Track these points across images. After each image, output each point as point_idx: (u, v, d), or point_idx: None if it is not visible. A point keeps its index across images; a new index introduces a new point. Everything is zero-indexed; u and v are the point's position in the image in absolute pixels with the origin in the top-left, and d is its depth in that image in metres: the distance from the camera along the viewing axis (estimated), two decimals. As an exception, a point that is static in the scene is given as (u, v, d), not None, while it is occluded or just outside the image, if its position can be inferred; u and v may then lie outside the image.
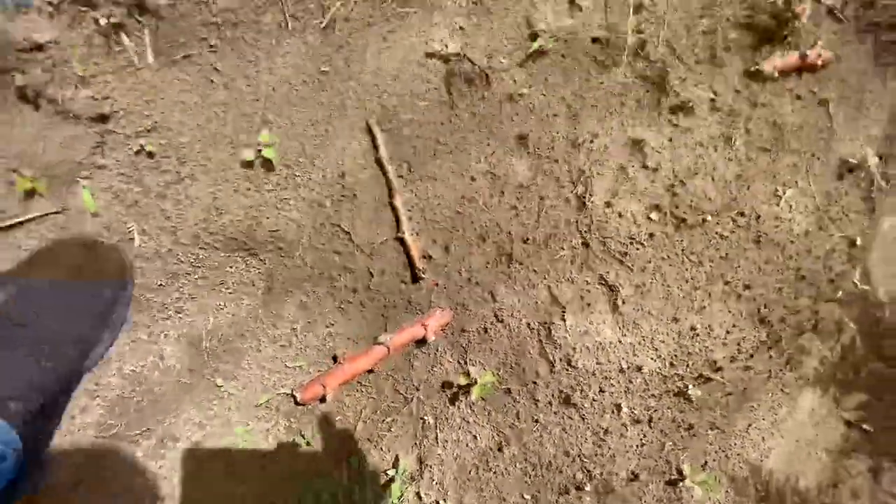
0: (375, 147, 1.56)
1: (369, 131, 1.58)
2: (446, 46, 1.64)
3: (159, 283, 1.39)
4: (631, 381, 1.49)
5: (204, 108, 1.44)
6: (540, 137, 1.64)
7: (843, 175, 1.88)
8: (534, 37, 1.72)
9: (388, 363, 1.44)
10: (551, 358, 1.45)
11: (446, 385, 1.43)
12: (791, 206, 1.77)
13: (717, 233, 1.64)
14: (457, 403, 1.42)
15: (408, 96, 1.62)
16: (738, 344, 1.64)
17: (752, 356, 1.65)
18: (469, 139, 1.62)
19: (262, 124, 1.49)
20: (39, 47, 1.22)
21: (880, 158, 1.97)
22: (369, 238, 1.51)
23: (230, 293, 1.44)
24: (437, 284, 1.49)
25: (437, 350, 1.46)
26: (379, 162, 1.56)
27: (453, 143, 1.61)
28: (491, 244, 1.54)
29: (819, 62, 1.87)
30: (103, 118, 1.34)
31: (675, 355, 1.54)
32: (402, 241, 1.51)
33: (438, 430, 1.41)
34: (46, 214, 1.32)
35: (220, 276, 1.44)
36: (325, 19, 1.57)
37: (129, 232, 1.38)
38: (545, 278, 1.53)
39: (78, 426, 1.33)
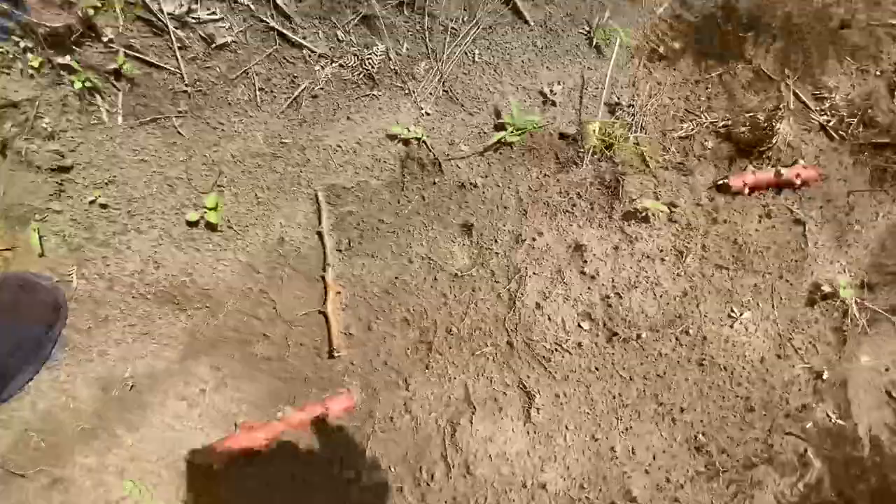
0: (319, 219, 1.60)
1: (316, 203, 1.62)
2: (408, 129, 1.69)
3: (88, 325, 1.45)
4: (533, 499, 1.40)
5: (161, 169, 1.53)
6: (485, 229, 1.64)
7: (814, 301, 1.76)
8: (499, 128, 1.75)
9: (293, 436, 1.42)
10: (450, 461, 1.38)
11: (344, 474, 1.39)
12: (747, 329, 1.67)
13: (654, 350, 1.55)
14: (348, 492, 1.37)
15: (361, 173, 1.66)
16: (667, 472, 1.51)
17: (682, 486, 1.52)
18: (414, 221, 1.63)
19: (214, 187, 1.56)
20: (15, 104, 1.35)
21: (863, 287, 1.84)
22: (294, 308, 1.52)
23: (154, 343, 1.47)
24: (352, 363, 1.48)
25: (341, 433, 1.43)
26: (319, 234, 1.59)
27: (398, 224, 1.62)
28: (415, 329, 1.52)
29: (797, 181, 1.80)
30: (65, 169, 1.44)
31: (588, 477, 1.43)
32: (325, 315, 1.51)
33: (323, 520, 1.36)
34: (-3, 250, 1.42)
35: (147, 326, 1.48)
36: (294, 95, 1.66)
37: (70, 274, 1.46)
38: (463, 373, 1.48)
39: (-18, 455, 1.36)
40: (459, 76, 1.78)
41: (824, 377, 1.71)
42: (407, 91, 1.76)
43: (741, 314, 1.66)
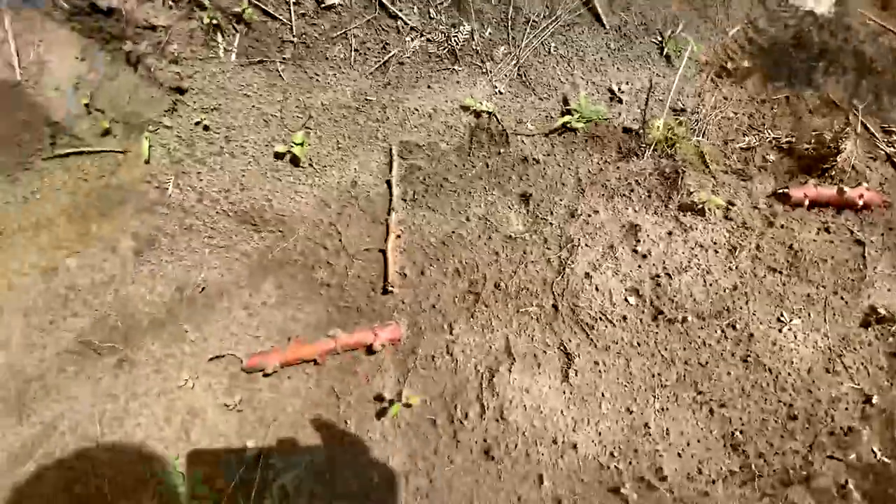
0: (390, 170, 1.71)
1: (389, 156, 1.74)
2: (481, 104, 1.80)
3: (175, 230, 1.59)
4: (562, 457, 1.39)
5: (260, 105, 1.70)
6: (542, 200, 1.70)
7: (869, 324, 1.71)
8: (566, 114, 1.84)
9: (336, 360, 1.48)
10: (485, 404, 1.41)
11: (378, 398, 1.44)
12: (796, 337, 1.63)
13: (699, 337, 1.54)
14: (382, 419, 1.41)
15: (433, 136, 1.78)
16: (700, 463, 1.48)
17: (713, 482, 1.47)
18: (475, 185, 1.72)
19: (302, 128, 1.70)
20: (153, 28, 1.55)
21: (925, 319, 1.78)
22: (357, 244, 1.61)
23: (227, 256, 1.59)
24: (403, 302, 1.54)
25: (383, 362, 1.48)
26: (388, 183, 1.70)
27: (461, 185, 1.71)
28: (464, 280, 1.58)
29: (860, 201, 1.78)
30: (181, 90, 1.62)
31: (620, 447, 1.42)
32: (384, 254, 1.59)
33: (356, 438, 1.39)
34: (112, 151, 1.59)
35: (224, 240, 1.60)
36: (383, 60, 1.81)
37: (168, 183, 1.61)
38: (506, 327, 1.52)
39: (62, 329, 1.49)
40: (534, 63, 1.90)
41: (874, 402, 1.64)
42: (484, 70, 1.88)
43: (791, 320, 1.63)
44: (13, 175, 1.53)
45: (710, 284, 1.57)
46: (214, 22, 1.60)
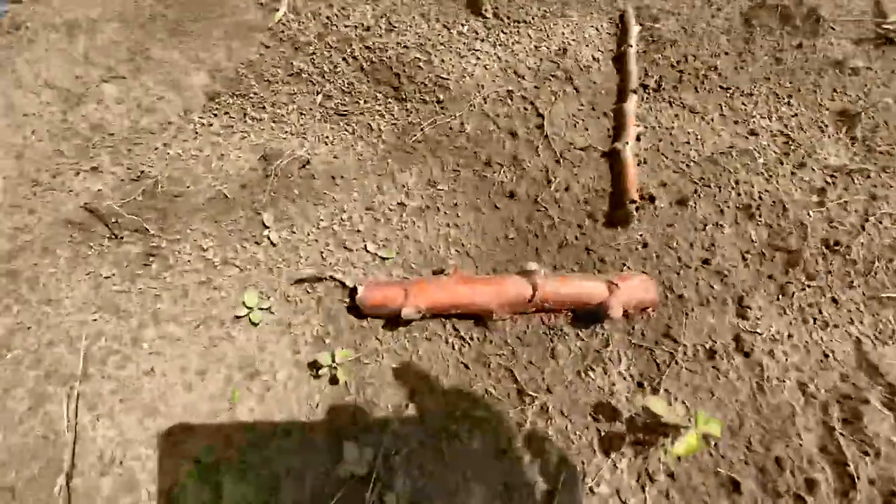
0: (623, 40, 1.03)
1: (621, 22, 1.07)
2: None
3: (275, 73, 0.96)
4: None
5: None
6: (876, 126, 0.97)
7: None
8: (881, 14, 1.12)
9: (518, 326, 0.77)
10: (854, 471, 0.65)
11: (603, 409, 0.71)
12: None
13: None
14: (614, 456, 0.67)
15: (690, 8, 1.10)
16: None
17: None
18: (760, 86, 1.01)
19: (495, -43, 1.06)
20: None
21: None
22: (568, 136, 0.93)
23: (346, 128, 0.94)
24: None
25: (610, 344, 0.76)
26: (622, 57, 1.01)
27: (735, 82, 1.01)
28: (763, 227, 0.85)
29: None
30: None
31: None
32: (614, 158, 0.90)
33: (563, 487, 0.66)
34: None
35: (347, 104, 0.96)
36: None
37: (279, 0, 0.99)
38: (853, 322, 0.77)
39: (67, 187, 0.88)
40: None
41: None
42: None
43: None
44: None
45: None
46: None
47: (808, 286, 0.80)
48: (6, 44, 0.97)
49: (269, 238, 0.84)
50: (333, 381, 0.73)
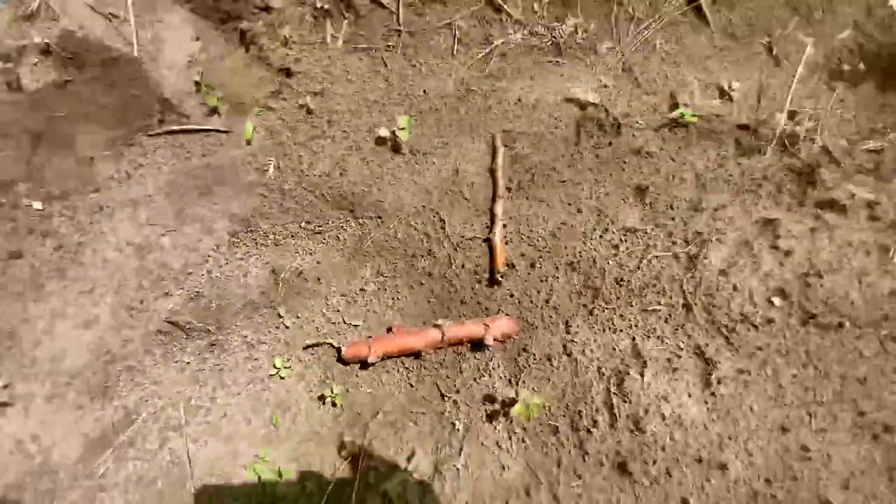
0: (493, 158, 1.60)
1: (493, 144, 1.63)
2: (587, 95, 1.70)
3: (271, 213, 1.50)
4: (709, 480, 1.17)
5: (363, 91, 1.63)
6: (660, 195, 1.55)
7: None
8: (674, 107, 1.71)
9: (438, 356, 1.33)
10: (616, 412, 1.21)
11: (489, 399, 1.26)
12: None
13: (855, 347, 1.32)
14: (494, 422, 1.23)
15: (537, 126, 1.67)
16: (867, 499, 1.22)
17: (888, 525, 1.21)
18: (586, 176, 1.58)
19: (405, 113, 1.63)
20: (268, 9, 1.53)
21: None
22: (461, 232, 1.49)
23: (322, 242, 1.49)
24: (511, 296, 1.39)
25: (492, 359, 1.31)
26: (492, 171, 1.58)
27: (568, 176, 1.58)
28: (580, 275, 1.42)
29: None
30: (288, 73, 1.58)
31: (775, 473, 1.18)
32: (489, 243, 1.46)
33: (465, 444, 1.21)
34: (216, 130, 1.55)
35: (321, 225, 1.51)
36: (486, 51, 1.74)
37: (269, 164, 1.54)
38: (631, 327, 1.34)
39: (152, 309, 1.40)
40: (639, 59, 1.79)
41: None
42: (588, 64, 1.79)
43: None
44: (119, 150, 1.49)
45: (866, 287, 1.35)
46: (325, 7, 1.57)
47: (606, 308, 1.37)
48: (91, 220, 1.50)
49: (284, 324, 1.38)
50: (334, 405, 1.28)
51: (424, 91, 1.65)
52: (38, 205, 1.40)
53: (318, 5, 1.53)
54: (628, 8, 1.83)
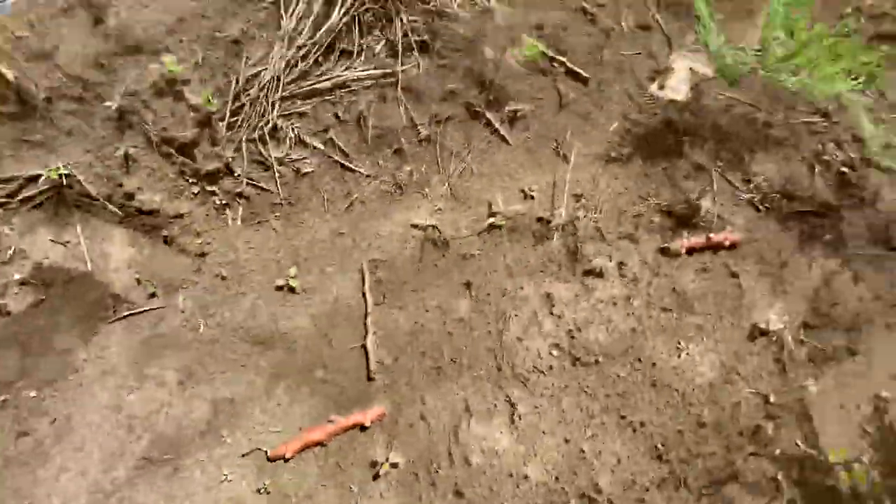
0: (363, 283, 2.24)
1: (361, 272, 2.28)
2: (426, 220, 2.38)
3: (206, 359, 2.09)
4: (518, 486, 1.77)
5: (261, 253, 2.27)
6: (480, 286, 2.21)
7: (755, 337, 2.14)
8: (491, 216, 2.41)
9: (337, 441, 1.91)
10: (453, 454, 1.81)
11: (373, 464, 1.84)
12: (695, 359, 2.06)
13: (613, 372, 1.98)
14: (377, 480, 1.80)
15: (393, 251, 2.33)
16: (633, 475, 1.84)
17: (647, 490, 1.83)
18: (430, 283, 2.24)
19: (294, 263, 2.27)
20: (181, 216, 2.17)
21: (803, 327, 2.21)
22: (345, 345, 2.10)
23: (246, 373, 2.08)
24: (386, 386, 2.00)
25: (374, 434, 1.90)
26: (363, 294, 2.22)
27: (417, 285, 2.24)
28: (428, 359, 2.05)
29: (726, 242, 2.29)
30: (204, 254, 2.21)
31: (562, 472, 1.80)
32: (365, 349, 2.08)
33: (360, 498, 1.77)
34: (157, 308, 2.14)
35: (245, 360, 2.10)
36: (349, 203, 2.42)
37: (199, 323, 2.14)
38: (464, 390, 1.96)
39: (129, 453, 1.94)
40: (462, 183, 2.50)
41: (771, 400, 2.03)
42: (425, 195, 2.48)
43: (688, 346, 2.07)
44: (87, 338, 2.06)
45: (613, 331, 2.03)
46: (224, 202, 2.21)
47: (447, 380, 1.99)
48: (75, 395, 2.04)
49: (226, 441, 1.94)
50: (268, 493, 1.84)
51: (307, 242, 2.30)
52: (33, 393, 1.95)
53: (218, 202, 2.17)
54: (448, 146, 2.56)
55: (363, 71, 2.46)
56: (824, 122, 2.56)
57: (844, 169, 2.55)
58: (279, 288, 2.19)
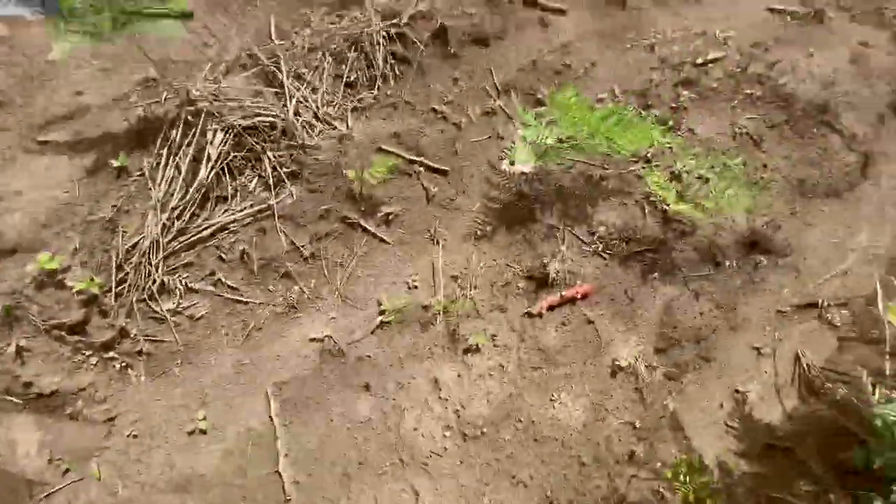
0: (269, 407, 2.45)
1: (266, 397, 2.49)
2: (322, 332, 2.64)
3: None
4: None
5: (169, 402, 2.43)
6: (378, 384, 2.48)
7: (615, 373, 2.52)
8: (380, 313, 2.71)
9: None
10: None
11: None
12: (567, 406, 2.40)
13: (500, 438, 2.27)
14: None
15: (294, 369, 2.56)
16: (532, 530, 2.11)
17: (544, 537, 2.10)
18: (332, 391, 2.48)
19: (202, 405, 2.44)
20: (84, 389, 2.31)
21: (656, 353, 2.61)
22: (260, 470, 2.28)
23: None
24: None
25: (298, 554, 2.07)
26: (271, 417, 2.42)
27: (321, 397, 2.47)
28: (339, 467, 2.26)
29: (579, 294, 2.69)
30: (112, 419, 2.34)
31: (469, 538, 2.04)
32: (279, 474, 2.26)
33: None
34: (74, 482, 2.24)
35: None
36: (247, 332, 2.64)
37: (117, 488, 2.25)
38: (373, 489, 2.18)
39: None
40: (351, 289, 2.80)
41: (637, 425, 2.38)
42: (318, 308, 2.75)
43: (559, 396, 2.41)
44: (4, 532, 2.12)
45: (493, 400, 2.34)
46: (124, 363, 2.38)
47: (357, 482, 2.20)
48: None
49: None
50: None
51: (212, 381, 2.48)
52: None
53: (118, 367, 2.34)
54: (332, 259, 2.85)
55: (240, 211, 2.75)
56: (645, 167, 3.08)
57: (665, 206, 3.07)
58: (190, 433, 2.36)
